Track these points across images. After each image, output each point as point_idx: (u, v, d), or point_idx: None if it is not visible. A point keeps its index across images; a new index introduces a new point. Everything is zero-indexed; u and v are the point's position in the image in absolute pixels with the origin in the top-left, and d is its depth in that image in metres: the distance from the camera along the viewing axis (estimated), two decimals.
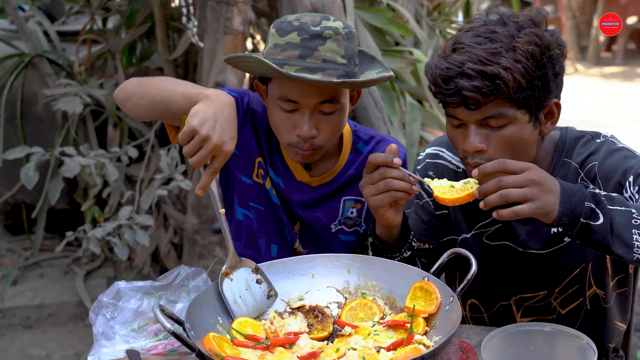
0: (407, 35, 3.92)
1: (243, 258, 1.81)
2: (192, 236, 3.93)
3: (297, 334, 1.69)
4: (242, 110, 2.15)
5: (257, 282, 1.80)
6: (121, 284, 1.99)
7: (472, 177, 1.72)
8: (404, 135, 3.66)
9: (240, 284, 1.77)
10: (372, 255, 1.98)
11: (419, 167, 2.11)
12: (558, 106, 1.83)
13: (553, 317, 1.99)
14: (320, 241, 2.24)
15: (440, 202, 1.75)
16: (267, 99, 2.08)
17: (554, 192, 1.61)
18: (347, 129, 2.23)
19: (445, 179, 1.79)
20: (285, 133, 2.03)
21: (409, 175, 1.79)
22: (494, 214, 1.64)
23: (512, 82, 1.69)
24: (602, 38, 13.36)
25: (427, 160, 2.10)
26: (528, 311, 2.02)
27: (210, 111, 1.74)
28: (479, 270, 1.70)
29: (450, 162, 2.06)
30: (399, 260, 1.93)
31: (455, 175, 2.03)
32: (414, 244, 1.97)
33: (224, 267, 1.77)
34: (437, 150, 2.10)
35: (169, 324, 1.47)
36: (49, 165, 4.11)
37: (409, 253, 1.95)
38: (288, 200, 2.21)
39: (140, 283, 2.01)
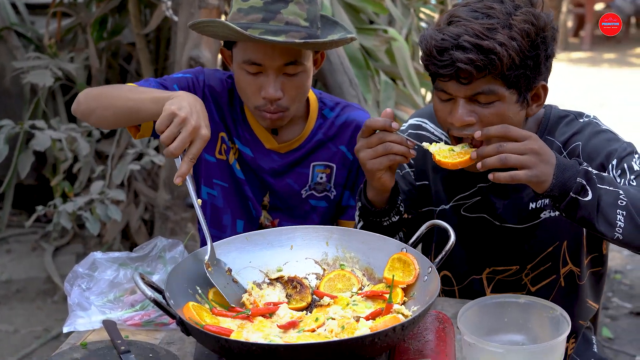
0: (383, 13, 3.92)
1: (219, 259, 1.78)
2: (163, 212, 3.90)
3: (276, 304, 1.70)
4: (199, 89, 2.20)
5: (234, 281, 1.79)
6: (97, 255, 1.98)
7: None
8: (378, 114, 3.66)
9: (220, 278, 1.75)
10: (361, 220, 1.98)
11: None
12: (545, 89, 1.86)
13: (523, 293, 2.02)
14: (291, 208, 2.27)
15: (442, 166, 1.76)
16: (233, 64, 2.11)
17: (550, 163, 1.64)
18: (312, 96, 2.27)
19: (442, 143, 1.80)
20: (252, 96, 2.07)
21: (407, 139, 1.80)
22: (490, 176, 1.67)
23: (507, 59, 1.70)
24: (569, 24, 13.51)
25: (409, 131, 2.10)
26: (499, 286, 2.05)
27: (185, 102, 1.78)
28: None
29: (432, 133, 2.08)
30: (387, 225, 1.95)
31: None
32: (401, 209, 1.98)
33: (206, 257, 1.73)
34: (420, 121, 2.11)
35: (150, 292, 1.46)
36: (17, 139, 4.05)
37: (397, 218, 1.96)
38: (257, 169, 2.23)
39: (116, 254, 2.00)
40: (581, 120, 1.93)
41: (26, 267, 4.38)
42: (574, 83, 9.79)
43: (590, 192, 1.63)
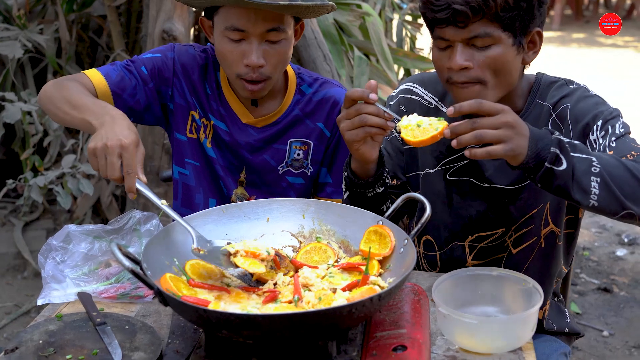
0: None
1: (211, 240, 1.75)
2: None
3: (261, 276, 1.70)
4: (169, 68, 2.19)
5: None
6: (72, 227, 1.97)
7: (445, 116, 1.73)
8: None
9: (214, 260, 1.72)
10: (347, 189, 1.99)
11: (391, 103, 2.15)
12: (540, 35, 1.91)
13: (504, 255, 2.06)
14: (268, 185, 2.27)
15: (407, 143, 1.76)
16: (214, 33, 2.11)
17: (524, 135, 1.65)
18: (291, 71, 2.26)
19: (415, 114, 1.80)
20: (234, 64, 2.06)
21: (384, 111, 1.79)
22: (466, 153, 1.67)
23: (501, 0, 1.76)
24: None
25: (400, 95, 2.14)
26: (481, 253, 2.08)
27: (98, 132, 1.80)
28: (437, 207, 1.73)
29: (423, 97, 2.11)
30: (371, 196, 1.95)
31: (427, 111, 2.08)
32: (387, 180, 1.98)
33: (193, 244, 1.70)
34: (410, 86, 2.14)
35: (128, 263, 1.45)
36: None
37: (381, 189, 1.97)
38: (233, 144, 2.23)
39: (90, 226, 1.99)
40: (571, 86, 1.98)
41: None
42: (543, 62, 9.86)
43: (564, 161, 1.65)
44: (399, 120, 1.78)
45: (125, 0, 4.01)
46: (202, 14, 2.16)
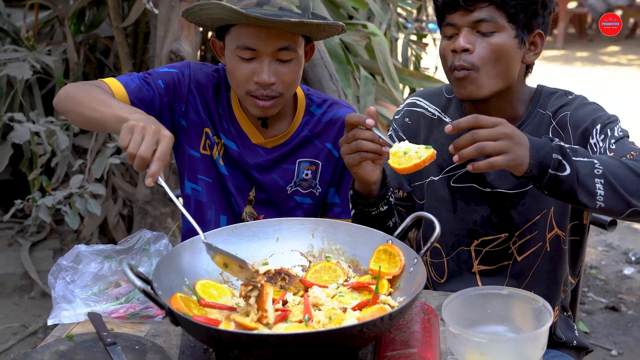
0: (363, 8, 3.94)
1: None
2: (143, 207, 3.89)
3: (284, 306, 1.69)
4: (185, 84, 2.20)
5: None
6: (81, 247, 1.97)
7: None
8: (358, 109, 3.68)
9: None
10: (352, 207, 2.02)
11: (397, 117, 2.24)
12: (542, 38, 1.99)
13: (509, 263, 2.08)
14: (277, 204, 2.28)
15: (394, 170, 1.80)
16: (225, 53, 2.12)
17: (524, 144, 1.68)
18: (300, 92, 2.28)
19: (406, 142, 1.83)
20: (244, 81, 2.07)
21: (380, 137, 1.83)
22: (469, 167, 1.70)
23: None
24: None
25: (405, 109, 2.22)
26: (486, 257, 2.10)
27: (141, 118, 1.80)
28: (442, 213, 1.75)
29: (426, 109, 2.18)
30: (375, 214, 1.98)
31: (431, 122, 2.16)
32: (391, 199, 2.02)
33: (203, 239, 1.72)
34: (415, 99, 2.22)
35: (139, 282, 1.46)
36: None
37: (385, 208, 2.00)
38: (243, 164, 2.24)
39: (100, 246, 1.99)
40: (570, 96, 2.04)
41: (2, 262, 4.32)
42: (547, 80, 9.85)
43: (567, 166, 1.68)
44: (391, 146, 1.82)
45: (132, 21, 4.03)
46: (210, 34, 2.18)
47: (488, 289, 1.73)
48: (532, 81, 2.09)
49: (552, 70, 10.93)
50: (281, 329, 1.54)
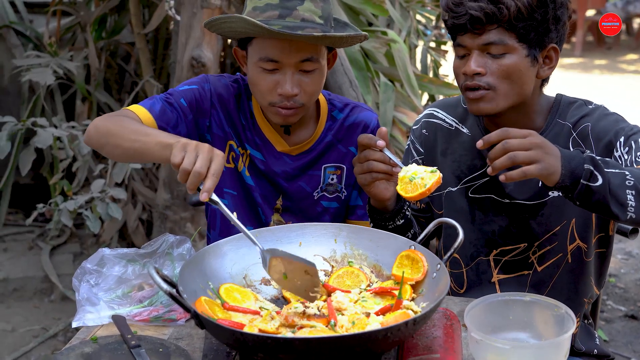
0: (383, 15, 3.94)
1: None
2: (163, 211, 3.91)
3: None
4: (207, 99, 2.19)
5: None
6: (106, 251, 1.99)
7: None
8: (378, 116, 3.68)
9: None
10: (370, 219, 2.05)
11: (415, 127, 2.25)
12: (556, 52, 1.98)
13: (529, 272, 2.07)
14: (304, 210, 2.28)
15: (402, 196, 1.84)
16: (248, 63, 2.12)
17: (555, 155, 1.70)
18: (322, 98, 2.29)
19: (414, 164, 1.88)
20: (267, 93, 2.07)
21: (390, 158, 1.87)
22: (502, 177, 1.71)
23: (514, 8, 1.86)
24: None
25: (423, 120, 2.23)
26: (506, 267, 2.10)
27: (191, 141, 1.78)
28: (461, 224, 1.77)
29: (444, 120, 2.19)
30: (392, 228, 2.00)
31: (449, 133, 2.16)
32: (407, 213, 2.04)
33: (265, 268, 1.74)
34: (433, 110, 2.23)
35: (165, 285, 1.47)
36: (16, 138, 4.05)
37: (402, 222, 2.03)
38: (269, 173, 2.24)
39: (124, 250, 2.01)
40: (590, 106, 2.04)
41: (23, 266, 4.36)
42: (565, 89, 9.81)
43: (599, 177, 1.69)
44: (401, 168, 1.85)
45: (154, 27, 4.06)
46: (230, 42, 2.18)
47: (510, 295, 1.73)
48: (550, 89, 2.09)
49: (570, 78, 10.88)
50: (305, 332, 1.55)
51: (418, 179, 1.80)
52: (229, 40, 4.47)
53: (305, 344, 1.41)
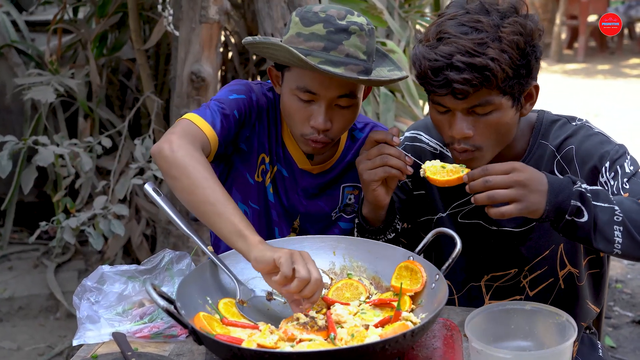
0: (382, 26, 3.95)
1: (252, 289, 1.80)
2: (166, 227, 3.92)
3: None
4: (255, 111, 2.12)
5: (268, 299, 1.81)
6: (105, 268, 1.99)
7: (450, 161, 1.77)
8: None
9: (256, 314, 1.76)
10: (358, 235, 2.02)
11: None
12: (537, 88, 1.88)
13: (521, 297, 2.05)
14: (321, 231, 2.23)
15: (432, 182, 1.80)
16: (283, 87, 2.05)
17: (539, 191, 1.65)
18: None
19: (437, 160, 1.84)
20: (300, 123, 2.01)
21: (405, 155, 1.85)
22: (486, 210, 1.69)
23: (500, 73, 1.73)
24: (563, 35, 13.59)
25: (405, 143, 2.13)
26: (497, 292, 2.07)
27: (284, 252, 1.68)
28: (451, 250, 1.74)
29: (428, 144, 2.11)
30: (383, 242, 1.98)
31: (433, 157, 2.07)
32: (398, 226, 2.02)
33: (237, 297, 1.75)
34: (415, 133, 2.14)
35: (162, 302, 1.47)
36: (18, 156, 4.07)
37: (392, 235, 2.01)
38: (291, 189, 2.20)
39: (124, 267, 2.01)
40: (573, 123, 1.97)
41: (28, 284, 4.37)
42: (568, 94, 9.84)
43: (585, 213, 1.65)
44: (418, 165, 1.83)
45: (154, 43, 4.08)
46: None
47: (511, 304, 1.73)
48: (554, 95, 2.05)
49: (574, 84, 10.87)
50: (303, 346, 1.55)
51: (450, 167, 1.79)
52: (230, 55, 4.50)
53: (303, 358, 1.41)
